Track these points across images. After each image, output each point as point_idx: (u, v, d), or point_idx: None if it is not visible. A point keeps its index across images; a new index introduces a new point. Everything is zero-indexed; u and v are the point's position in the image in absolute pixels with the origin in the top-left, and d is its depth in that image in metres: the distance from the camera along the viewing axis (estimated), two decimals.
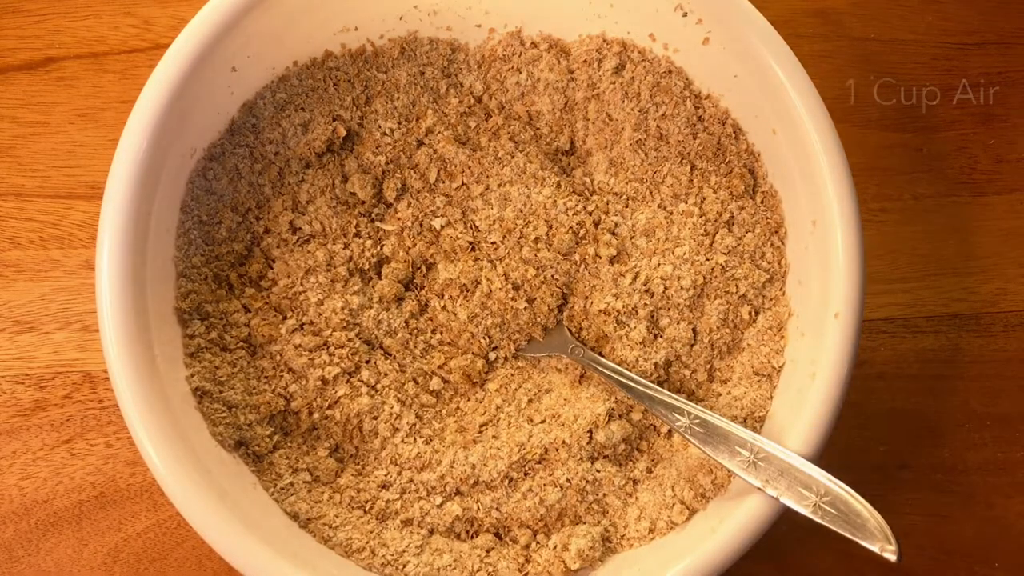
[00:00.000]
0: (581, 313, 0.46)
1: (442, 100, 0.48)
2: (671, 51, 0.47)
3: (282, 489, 0.41)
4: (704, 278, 0.45)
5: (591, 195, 0.47)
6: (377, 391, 0.44)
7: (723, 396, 0.43)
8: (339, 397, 0.43)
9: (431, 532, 0.42)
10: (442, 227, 0.46)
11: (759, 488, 0.38)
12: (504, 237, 0.46)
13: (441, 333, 0.46)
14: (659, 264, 0.45)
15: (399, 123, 0.47)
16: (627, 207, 0.47)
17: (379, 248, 0.46)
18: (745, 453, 0.39)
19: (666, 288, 0.44)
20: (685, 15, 0.45)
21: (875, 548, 0.35)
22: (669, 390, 0.43)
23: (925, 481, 0.49)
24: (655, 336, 0.45)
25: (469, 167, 0.47)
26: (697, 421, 0.40)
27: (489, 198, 0.46)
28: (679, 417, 0.40)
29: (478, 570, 0.40)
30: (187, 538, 0.47)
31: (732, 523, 0.38)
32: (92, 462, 0.47)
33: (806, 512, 0.36)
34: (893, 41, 0.55)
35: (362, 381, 0.44)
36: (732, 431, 0.39)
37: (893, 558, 0.34)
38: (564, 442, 0.42)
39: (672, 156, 0.47)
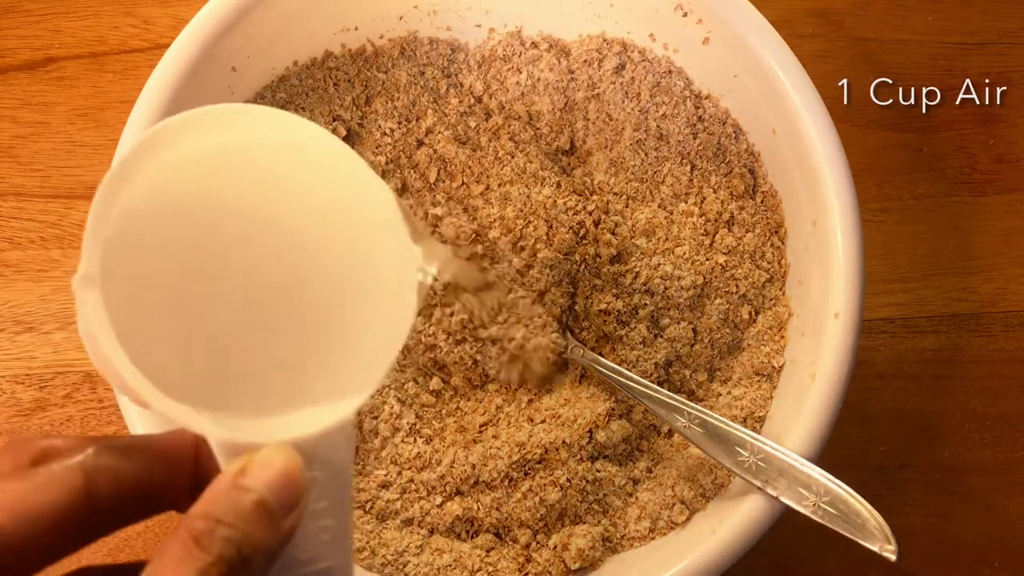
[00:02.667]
0: (581, 313, 0.46)
1: (442, 100, 0.48)
2: (671, 51, 0.47)
3: None
4: (704, 278, 0.45)
5: (591, 195, 0.47)
6: (377, 391, 0.44)
7: (723, 396, 0.43)
8: None
9: (431, 532, 0.42)
10: None
11: (759, 488, 0.38)
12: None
13: None
14: (659, 264, 0.45)
15: (399, 123, 0.47)
16: (627, 207, 0.47)
17: None
18: (745, 453, 0.39)
19: (666, 288, 0.44)
20: (685, 15, 0.45)
21: (875, 548, 0.35)
22: (669, 390, 0.43)
23: (925, 481, 0.49)
24: (655, 336, 0.45)
25: (469, 167, 0.47)
26: (697, 421, 0.40)
27: (489, 197, 0.46)
28: (679, 417, 0.40)
29: (478, 570, 0.40)
30: None
31: (732, 523, 0.38)
32: None
33: (806, 512, 0.36)
34: (893, 41, 0.55)
35: None
36: (732, 431, 0.39)
37: (893, 557, 0.35)
38: (564, 442, 0.42)
39: (672, 156, 0.47)
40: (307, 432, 0.22)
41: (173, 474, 0.23)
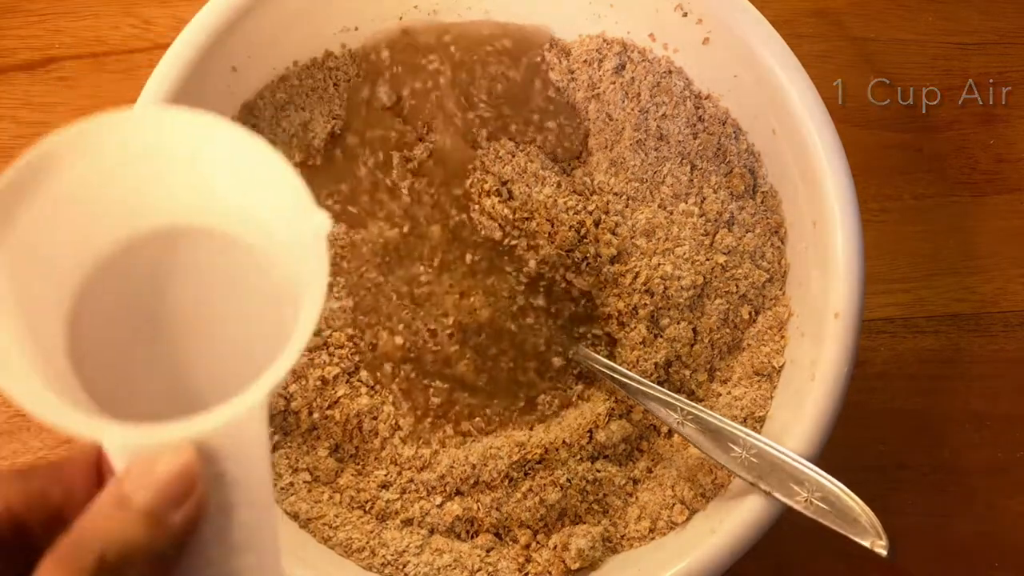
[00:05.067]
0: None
1: None
2: (671, 51, 0.47)
3: (282, 489, 0.41)
4: (704, 278, 0.45)
5: (591, 195, 0.47)
6: (377, 391, 0.44)
7: (723, 396, 0.43)
8: (339, 397, 0.43)
9: (431, 532, 0.42)
10: None
11: (751, 484, 0.38)
12: None
13: None
14: (659, 264, 0.45)
15: None
16: (627, 207, 0.47)
17: None
18: (737, 449, 0.39)
19: (666, 288, 0.44)
20: (685, 15, 0.45)
21: (866, 543, 0.35)
22: (670, 390, 0.43)
23: (925, 481, 0.49)
24: (655, 336, 0.45)
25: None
26: (690, 417, 0.40)
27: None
28: (672, 413, 0.40)
29: (478, 570, 0.40)
30: None
31: (732, 523, 0.38)
32: None
33: (798, 507, 0.37)
34: (893, 41, 0.55)
35: (361, 381, 0.44)
36: (724, 427, 0.39)
37: (884, 553, 0.35)
38: (564, 442, 0.42)
39: (672, 156, 0.47)
40: (205, 429, 0.20)
41: (70, 491, 0.22)
